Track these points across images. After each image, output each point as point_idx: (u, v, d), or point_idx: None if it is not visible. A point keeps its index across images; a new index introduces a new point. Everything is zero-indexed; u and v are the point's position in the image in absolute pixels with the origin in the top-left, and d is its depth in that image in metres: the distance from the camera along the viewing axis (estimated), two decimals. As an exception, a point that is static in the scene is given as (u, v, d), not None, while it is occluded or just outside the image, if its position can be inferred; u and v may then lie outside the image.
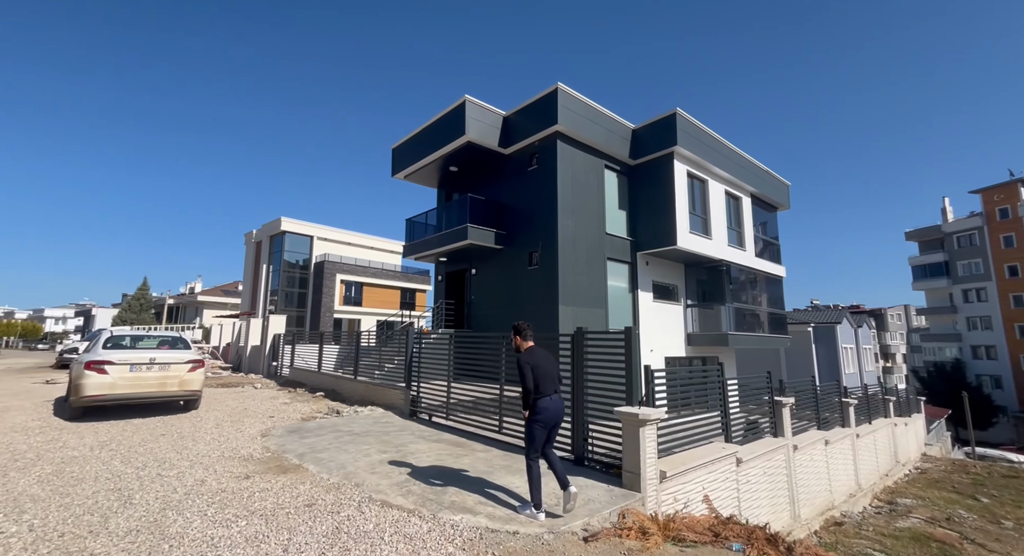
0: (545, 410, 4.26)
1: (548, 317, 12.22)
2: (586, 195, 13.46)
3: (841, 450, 9.80)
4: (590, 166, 13.76)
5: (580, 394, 5.77)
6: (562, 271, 12.34)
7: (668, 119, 13.92)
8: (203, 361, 8.62)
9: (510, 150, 14.45)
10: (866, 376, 27.56)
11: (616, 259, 14.11)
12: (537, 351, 4.49)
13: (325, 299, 34.54)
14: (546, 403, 4.27)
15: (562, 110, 12.68)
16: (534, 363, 4.32)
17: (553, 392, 4.33)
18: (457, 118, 13.79)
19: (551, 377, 4.37)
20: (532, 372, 4.27)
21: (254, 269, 38.86)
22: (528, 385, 4.25)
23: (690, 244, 14.12)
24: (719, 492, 5.84)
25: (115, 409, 8.23)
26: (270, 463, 5.45)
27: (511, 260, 13.96)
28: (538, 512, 4.13)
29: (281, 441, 6.51)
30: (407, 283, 39.84)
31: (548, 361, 4.44)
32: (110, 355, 7.72)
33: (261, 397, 11.06)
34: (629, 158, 14.69)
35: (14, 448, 5.81)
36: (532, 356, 4.40)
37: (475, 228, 13.70)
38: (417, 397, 8.77)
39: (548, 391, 4.29)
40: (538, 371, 4.29)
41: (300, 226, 36.46)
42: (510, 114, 14.33)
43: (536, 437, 4.26)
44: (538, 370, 4.29)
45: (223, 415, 8.48)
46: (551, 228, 12.66)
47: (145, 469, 5.05)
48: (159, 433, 6.83)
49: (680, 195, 14.01)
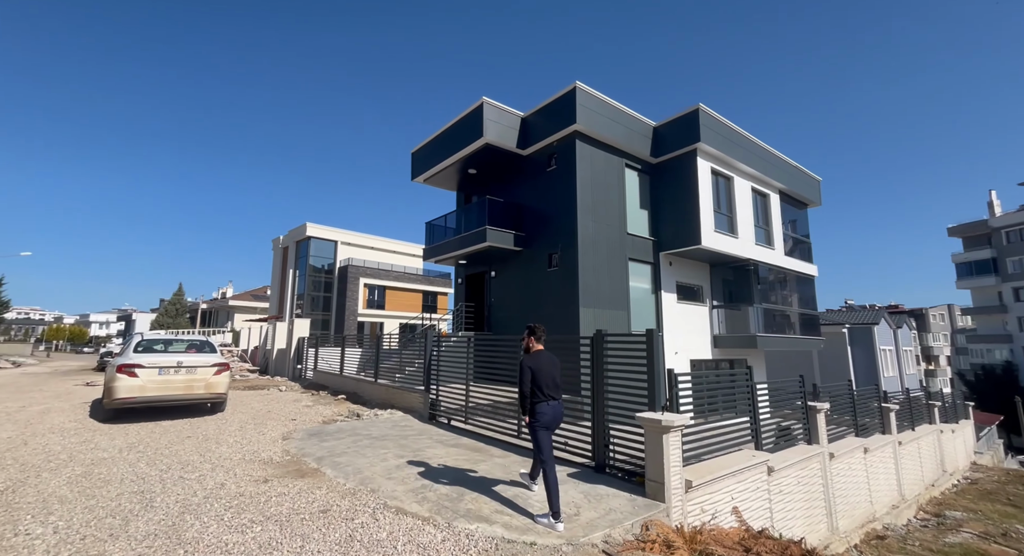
0: (544, 414, 4.30)
1: (568, 319, 12.03)
2: (606, 195, 13.21)
3: (882, 458, 9.25)
4: (610, 165, 13.51)
5: (600, 399, 5.59)
6: (582, 272, 12.13)
7: (691, 115, 13.55)
8: (228, 364, 8.79)
9: (528, 151, 14.34)
10: (907, 380, 26.20)
11: (638, 260, 13.80)
12: (543, 355, 4.52)
13: (349, 303, 35.10)
14: (544, 408, 4.30)
15: (581, 109, 12.50)
16: (536, 367, 4.36)
17: (552, 398, 4.35)
18: (475, 120, 13.77)
19: (553, 382, 4.39)
20: (532, 376, 4.32)
21: (281, 274, 39.86)
22: (524, 389, 4.31)
23: (715, 243, 13.69)
24: (749, 503, 5.55)
25: (145, 411, 8.46)
26: (289, 467, 5.46)
27: (530, 262, 13.82)
28: (556, 521, 4.01)
29: (301, 444, 6.54)
30: (429, 286, 40.15)
31: (551, 365, 4.46)
32: (140, 359, 7.94)
33: (285, 400, 11.23)
34: (650, 156, 14.37)
35: (49, 449, 6.00)
36: (535, 360, 4.42)
37: (494, 230, 13.63)
38: (436, 401, 8.72)
39: (547, 397, 4.32)
40: (538, 375, 4.33)
41: (325, 231, 37.20)
42: (528, 115, 14.23)
43: (544, 442, 4.25)
44: (539, 374, 4.33)
45: (247, 417, 8.61)
46: (571, 229, 12.47)
47: (168, 471, 5.12)
48: (185, 435, 6.96)
49: (704, 193, 13.61)
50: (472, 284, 16.40)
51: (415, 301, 38.94)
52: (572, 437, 5.89)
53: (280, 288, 39.89)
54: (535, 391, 4.29)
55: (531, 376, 4.32)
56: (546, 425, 4.28)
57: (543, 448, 4.22)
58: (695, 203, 13.45)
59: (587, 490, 4.80)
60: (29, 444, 6.24)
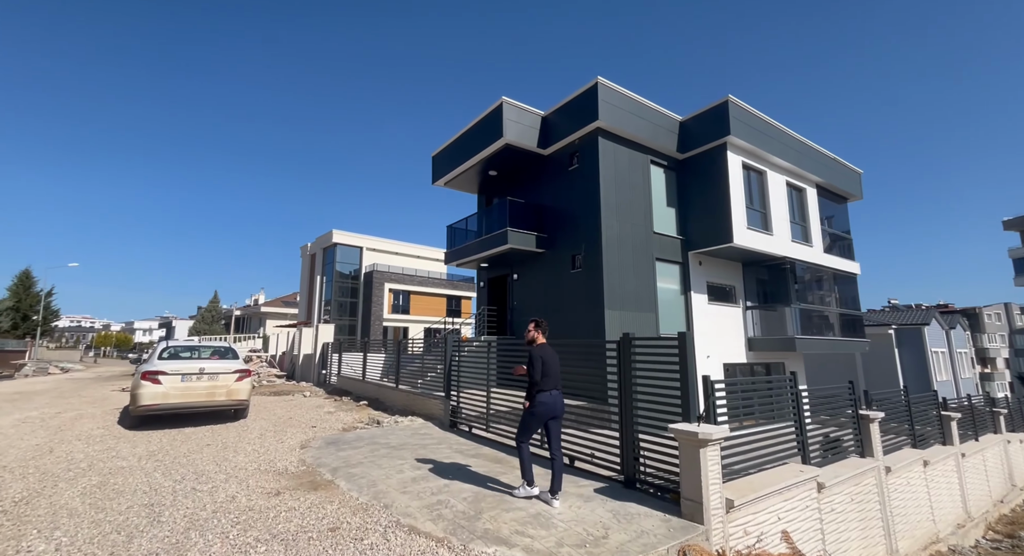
0: (543, 404, 4.57)
1: (593, 322, 11.59)
2: (631, 193, 12.73)
3: (944, 472, 8.42)
4: (635, 162, 13.03)
5: (628, 407, 5.18)
6: (607, 273, 11.69)
7: (719, 108, 12.94)
8: (250, 371, 8.77)
9: (550, 150, 14.01)
10: (963, 384, 24.43)
11: (666, 259, 13.24)
12: (548, 347, 4.80)
13: (375, 308, 35.44)
14: (545, 397, 4.58)
15: (603, 105, 12.10)
16: (547, 358, 4.65)
17: (554, 388, 4.65)
18: (495, 121, 13.54)
19: (556, 374, 4.70)
20: (543, 365, 4.60)
21: (309, 280, 40.67)
22: (536, 377, 4.57)
23: (748, 241, 12.99)
24: (798, 524, 5.02)
25: (170, 418, 8.51)
26: (303, 478, 5.27)
27: (553, 264, 13.45)
28: (532, 487, 4.61)
29: (318, 454, 6.36)
30: (453, 291, 40.18)
31: (555, 359, 4.76)
32: (164, 366, 7.98)
33: (307, 406, 11.19)
34: (677, 152, 13.81)
35: (72, 457, 6.01)
36: (544, 351, 4.71)
37: (515, 232, 13.33)
38: (457, 408, 8.45)
39: (550, 386, 4.61)
40: (547, 366, 4.61)
41: (350, 238, 37.76)
42: (548, 113, 13.91)
43: (530, 427, 4.63)
44: (547, 366, 4.62)
45: (268, 424, 8.55)
46: (594, 229, 12.05)
47: (182, 482, 5.00)
48: (205, 443, 6.90)
49: (735, 188, 12.95)
50: (494, 287, 16.14)
51: (440, 305, 39.03)
52: (599, 447, 5.50)
53: (308, 294, 40.70)
54: (542, 380, 4.57)
55: (542, 365, 4.59)
56: (540, 415, 4.58)
57: (528, 430, 4.63)
58: (725, 199, 12.81)
59: (616, 508, 4.40)
60: (55, 451, 6.28)
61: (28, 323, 37.41)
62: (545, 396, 4.56)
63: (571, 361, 6.76)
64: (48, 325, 42.40)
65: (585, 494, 4.78)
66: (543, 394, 4.56)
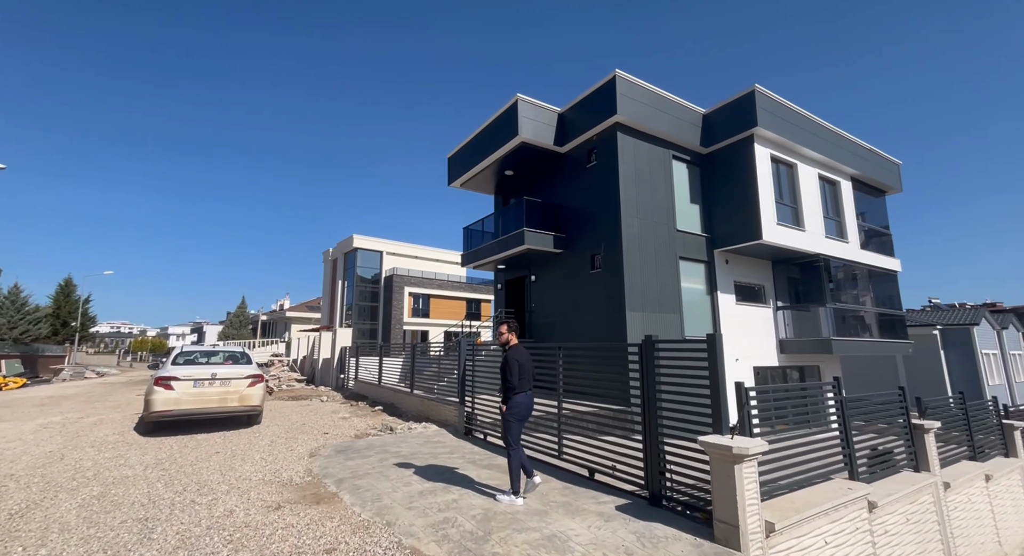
0: (519, 405, 4.63)
1: (614, 324, 11.12)
2: (652, 190, 12.22)
3: (1008, 487, 7.62)
4: (656, 158, 12.51)
5: (652, 416, 4.74)
6: (628, 274, 11.20)
7: (745, 98, 12.32)
8: (262, 376, 8.64)
9: (567, 148, 13.62)
10: (1017, 389, 22.78)
11: (690, 258, 12.65)
12: (522, 349, 4.87)
13: (395, 312, 35.56)
14: (521, 398, 4.65)
15: (622, 99, 11.65)
16: (521, 361, 4.69)
17: (529, 389, 4.74)
18: (510, 119, 13.23)
19: (530, 375, 4.80)
20: (519, 369, 4.64)
21: (331, 285, 41.16)
22: (513, 382, 4.61)
23: (778, 237, 12.30)
24: (848, 548, 4.47)
25: (184, 424, 8.44)
26: (306, 490, 5.01)
27: (572, 264, 13.03)
28: (516, 498, 4.58)
29: (326, 463, 6.12)
30: (472, 294, 40.04)
31: (529, 360, 4.85)
32: (176, 371, 7.91)
33: (323, 411, 11.05)
34: (700, 146, 13.21)
35: (80, 465, 5.92)
36: (519, 353, 4.76)
37: (532, 232, 12.97)
38: (472, 414, 8.11)
39: (526, 388, 4.69)
40: (522, 369, 4.67)
41: (370, 242, 38.05)
42: (565, 110, 13.53)
43: (516, 430, 4.64)
44: (523, 368, 4.67)
45: (281, 431, 8.39)
46: (614, 227, 11.59)
47: (183, 494, 4.80)
48: (214, 451, 6.75)
49: (763, 182, 12.29)
50: (512, 289, 15.80)
51: (459, 309, 38.92)
52: (621, 459, 5.07)
53: (331, 299, 41.19)
54: (520, 383, 4.63)
55: (518, 368, 4.65)
56: (520, 417, 4.65)
57: (511, 432, 4.63)
58: (753, 194, 12.16)
59: (640, 530, 3.97)
60: (65, 459, 6.21)
61: (67, 329, 38.96)
62: (521, 397, 4.67)
63: (590, 365, 6.34)
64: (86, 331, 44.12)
65: (606, 512, 4.36)
66: (520, 396, 4.65)
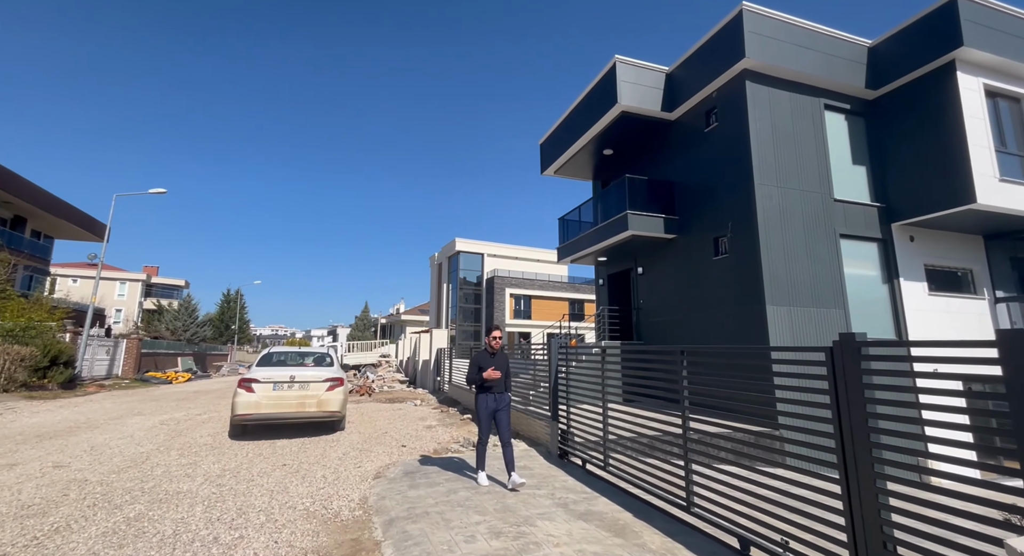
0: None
1: (749, 322, 8.74)
2: (797, 150, 9.51)
3: None
4: (800, 109, 9.76)
5: (863, 464, 2.75)
6: (766, 258, 8.74)
7: (942, 10, 8.99)
8: (342, 379, 8.07)
9: (678, 113, 11.42)
10: None
11: (855, 236, 9.65)
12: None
13: (497, 313, 35.30)
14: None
15: (751, 38, 9.21)
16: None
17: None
18: (607, 87, 11.45)
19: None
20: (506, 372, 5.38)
21: (438, 288, 42.57)
22: (472, 378, 5.30)
23: (1000, 199, 8.75)
24: None
25: (272, 426, 8.20)
26: (347, 533, 3.93)
27: (688, 251, 10.78)
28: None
29: (386, 490, 5.06)
30: (575, 294, 38.33)
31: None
32: (257, 373, 7.65)
33: (411, 417, 10.36)
34: (867, 89, 10.06)
35: (151, 472, 5.65)
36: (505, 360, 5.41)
37: (637, 215, 11.00)
38: (567, 433, 6.55)
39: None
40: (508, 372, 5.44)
41: (472, 245, 38.48)
42: (674, 68, 11.36)
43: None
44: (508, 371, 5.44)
45: (359, 440, 7.71)
46: (745, 202, 9.18)
47: (212, 525, 4.04)
48: (282, 462, 6.17)
49: (974, 124, 8.83)
50: (616, 284, 13.88)
51: (561, 309, 37.41)
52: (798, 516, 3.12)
53: (437, 302, 42.60)
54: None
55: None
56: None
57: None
58: (958, 142, 8.79)
59: None
60: (145, 463, 6.05)
61: (229, 332, 45.78)
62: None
63: (728, 374, 4.38)
64: (244, 333, 51.66)
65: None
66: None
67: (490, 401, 5.22)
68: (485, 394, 5.23)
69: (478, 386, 5.25)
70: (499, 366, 5.26)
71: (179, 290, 51.57)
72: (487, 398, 5.22)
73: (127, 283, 48.88)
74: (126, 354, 22.63)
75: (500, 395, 5.26)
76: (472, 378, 5.31)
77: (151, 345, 27.48)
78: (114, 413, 10.76)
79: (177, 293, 50.34)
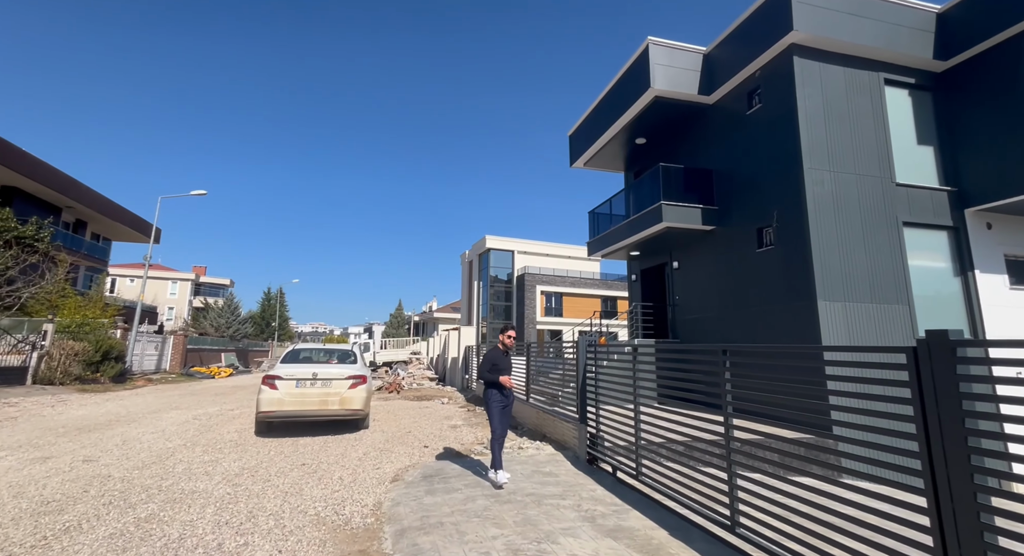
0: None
1: (798, 319, 8.02)
2: (852, 130, 8.66)
3: None
4: (857, 85, 8.88)
5: (957, 491, 2.22)
6: (817, 249, 7.98)
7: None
8: (365, 377, 7.92)
9: (716, 97, 10.70)
10: None
11: (921, 224, 8.71)
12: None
13: (528, 311, 34.95)
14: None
15: (798, 9, 8.42)
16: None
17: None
18: (639, 70, 10.85)
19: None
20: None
21: (468, 286, 42.62)
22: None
23: (1101, 178, 7.61)
24: None
25: (297, 423, 8.16)
26: (355, 543, 3.67)
27: (729, 243, 10.07)
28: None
29: (402, 496, 4.80)
30: (607, 291, 37.47)
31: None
32: (281, 369, 7.59)
33: (436, 416, 10.16)
34: (935, 60, 9.05)
35: (173, 470, 5.62)
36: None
37: (672, 206, 10.36)
38: (596, 436, 6.11)
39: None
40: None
41: (502, 242, 38.25)
42: (712, 48, 10.63)
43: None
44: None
45: (381, 439, 7.53)
46: (793, 187, 8.43)
47: (219, 530, 3.87)
48: (301, 462, 6.04)
49: (1065, 92, 7.73)
50: (649, 280, 13.23)
51: (593, 307, 36.60)
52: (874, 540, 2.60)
53: (468, 300, 42.66)
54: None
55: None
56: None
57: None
58: (1046, 113, 7.71)
59: None
60: (167, 461, 6.05)
61: (269, 329, 47.51)
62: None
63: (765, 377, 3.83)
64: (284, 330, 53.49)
65: None
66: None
67: (502, 398, 5.28)
68: (495, 390, 5.28)
69: (487, 382, 5.34)
70: (513, 365, 5.59)
71: (224, 289, 54.02)
72: (497, 394, 5.28)
73: (178, 282, 51.62)
74: (173, 350, 23.71)
75: (509, 390, 5.37)
76: (484, 376, 5.37)
77: (196, 341, 28.74)
78: (154, 407, 11.12)
79: (223, 292, 52.73)
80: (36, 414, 9.55)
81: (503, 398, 5.32)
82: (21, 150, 20.99)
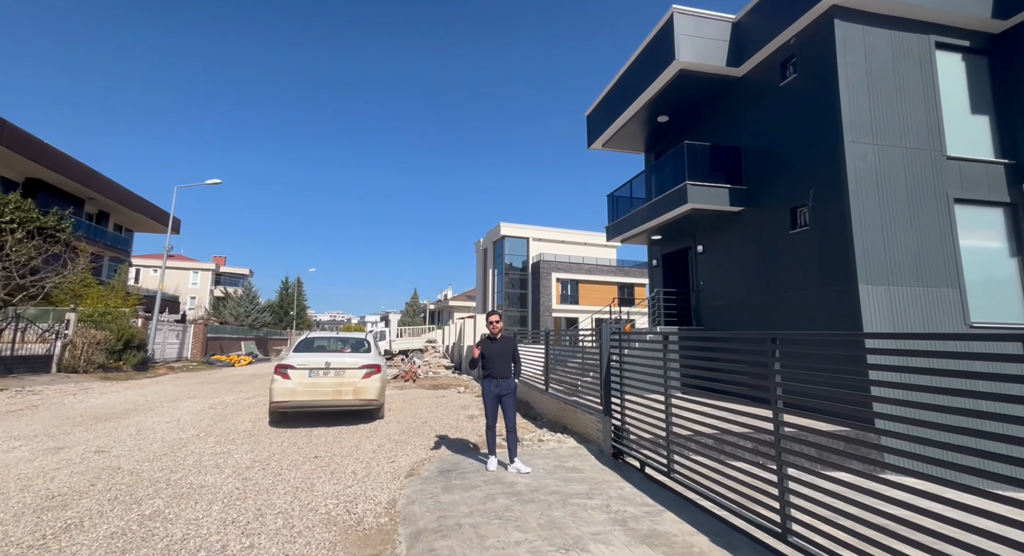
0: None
1: (837, 304, 7.51)
2: (899, 98, 7.98)
3: None
4: (904, 50, 8.16)
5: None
6: (858, 229, 7.41)
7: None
8: (379, 366, 7.68)
9: (746, 68, 10.03)
10: None
11: (975, 201, 8.04)
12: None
13: (543, 298, 34.59)
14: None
15: (839, -35, 7.70)
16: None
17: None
18: (663, 42, 10.22)
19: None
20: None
21: (483, 274, 42.38)
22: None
23: None
24: None
25: (310, 414, 7.99)
26: (367, 547, 3.41)
27: (759, 225, 9.51)
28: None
29: (418, 492, 4.53)
30: (624, 278, 36.83)
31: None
32: (293, 359, 7.40)
33: (453, 405, 9.93)
34: (993, 19, 8.25)
35: (183, 462, 5.46)
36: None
37: (698, 186, 9.81)
38: (621, 429, 5.76)
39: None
40: None
41: (517, 229, 37.81)
42: (742, 16, 9.94)
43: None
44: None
45: (397, 430, 7.31)
46: (831, 163, 7.83)
47: (225, 529, 3.65)
48: (314, 454, 5.83)
49: None
50: (671, 265, 12.71)
51: (610, 294, 36.07)
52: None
53: (483, 288, 42.46)
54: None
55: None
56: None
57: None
58: (1124, 73, 6.93)
59: None
60: (179, 452, 5.90)
61: (287, 318, 48.12)
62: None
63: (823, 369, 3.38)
64: (302, 319, 54.18)
65: None
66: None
67: (493, 386, 5.29)
68: (489, 380, 5.32)
69: (484, 372, 5.35)
70: (503, 352, 5.30)
71: (244, 278, 54.86)
72: (490, 384, 5.31)
73: (199, 272, 52.57)
74: (193, 338, 24.04)
75: (504, 381, 5.29)
76: (470, 363, 5.27)
77: (216, 330, 29.14)
78: (172, 395, 11.14)
79: (242, 281, 53.55)
80: (57, 402, 9.60)
81: (496, 387, 5.28)
82: (43, 143, 21.21)
